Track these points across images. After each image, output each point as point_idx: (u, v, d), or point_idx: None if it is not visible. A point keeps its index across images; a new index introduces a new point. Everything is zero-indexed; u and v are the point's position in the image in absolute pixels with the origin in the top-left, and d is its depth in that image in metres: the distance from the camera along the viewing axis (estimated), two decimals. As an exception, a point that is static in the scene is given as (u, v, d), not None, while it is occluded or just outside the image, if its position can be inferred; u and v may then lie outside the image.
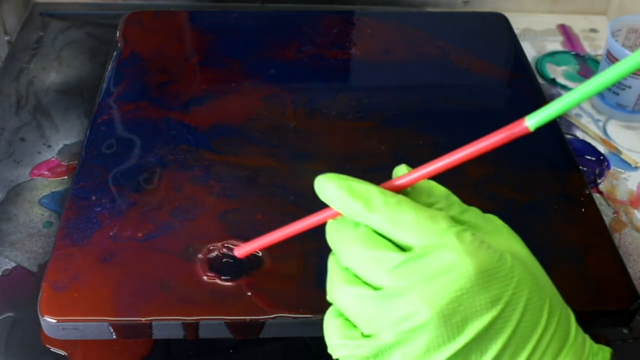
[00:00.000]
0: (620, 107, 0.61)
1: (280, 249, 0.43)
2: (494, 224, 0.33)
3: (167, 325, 0.39)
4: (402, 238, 0.30)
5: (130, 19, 0.63)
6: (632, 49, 0.61)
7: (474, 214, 0.33)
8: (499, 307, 0.28)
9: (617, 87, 0.60)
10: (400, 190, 0.33)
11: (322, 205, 0.33)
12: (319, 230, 0.44)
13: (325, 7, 0.74)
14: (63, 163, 0.55)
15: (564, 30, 0.73)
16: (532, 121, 0.28)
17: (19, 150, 0.56)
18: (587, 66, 0.68)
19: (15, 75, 0.64)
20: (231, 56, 0.59)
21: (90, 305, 0.39)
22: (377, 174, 0.37)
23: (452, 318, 0.28)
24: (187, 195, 0.46)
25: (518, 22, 0.70)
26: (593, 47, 0.71)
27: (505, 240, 0.32)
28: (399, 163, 0.35)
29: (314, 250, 0.43)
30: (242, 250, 0.40)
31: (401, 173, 0.32)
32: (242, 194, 0.46)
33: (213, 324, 0.39)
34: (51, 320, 0.39)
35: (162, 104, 0.53)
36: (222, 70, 0.57)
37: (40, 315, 0.39)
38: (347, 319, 0.31)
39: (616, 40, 0.60)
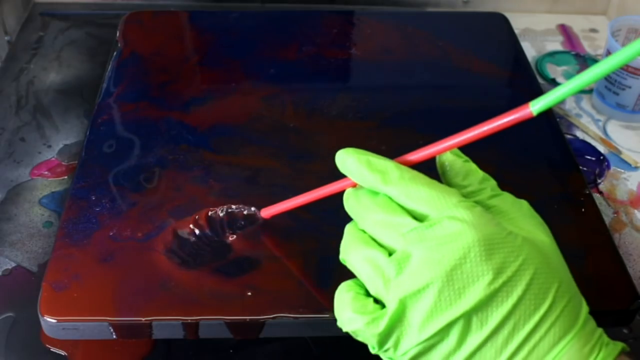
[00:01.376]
0: (620, 107, 0.61)
1: (280, 249, 0.43)
2: (522, 210, 0.34)
3: (167, 325, 0.39)
4: (416, 209, 0.32)
5: (130, 19, 0.63)
6: (632, 49, 0.61)
7: (503, 199, 0.34)
8: (500, 280, 0.29)
9: (617, 87, 0.60)
10: (441, 170, 0.35)
11: (323, 206, 0.33)
12: (319, 230, 0.44)
13: (325, 7, 0.74)
14: (63, 163, 0.55)
15: (564, 30, 0.73)
16: (536, 106, 0.30)
17: (19, 150, 0.56)
18: (587, 66, 0.68)
19: (15, 75, 0.64)
20: (231, 56, 0.59)
21: (90, 305, 0.39)
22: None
23: (454, 284, 0.30)
24: (187, 195, 0.46)
25: (518, 22, 0.70)
26: (593, 47, 0.71)
27: (527, 225, 0.33)
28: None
29: (314, 250, 0.43)
30: (268, 211, 0.42)
31: (447, 157, 0.35)
32: (242, 194, 0.46)
33: (213, 324, 0.39)
34: (51, 320, 0.39)
35: (162, 104, 0.53)
36: (222, 70, 0.57)
37: (40, 315, 0.39)
38: (358, 293, 0.32)
39: (616, 40, 0.60)
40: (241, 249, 0.43)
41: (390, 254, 0.32)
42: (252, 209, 0.43)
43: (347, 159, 0.33)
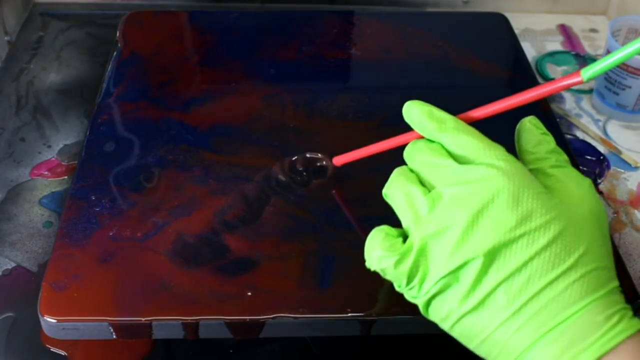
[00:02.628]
0: (620, 107, 0.61)
1: (280, 249, 0.43)
2: (580, 185, 0.34)
3: (167, 325, 0.39)
4: (462, 155, 0.33)
5: (130, 19, 0.63)
6: (632, 49, 0.61)
7: (566, 172, 0.35)
8: (523, 229, 0.30)
9: (617, 87, 0.60)
10: (517, 135, 0.37)
11: (323, 206, 0.33)
12: (319, 230, 0.44)
13: (325, 7, 0.74)
14: (63, 163, 0.55)
15: (564, 30, 0.73)
16: (587, 73, 0.33)
17: (19, 150, 0.56)
18: (587, 66, 0.68)
19: (15, 75, 0.64)
20: (231, 56, 0.59)
21: (90, 305, 0.39)
22: (378, 174, 0.37)
23: (478, 225, 0.31)
24: (187, 195, 0.46)
25: (518, 22, 0.70)
26: (593, 47, 0.71)
27: (578, 197, 0.33)
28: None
29: (314, 250, 0.43)
30: (340, 159, 0.44)
31: (525, 125, 0.36)
32: (242, 194, 0.46)
33: (213, 324, 0.39)
34: (51, 320, 0.39)
35: (162, 104, 0.53)
36: (222, 70, 0.57)
37: (40, 315, 0.39)
38: (388, 234, 0.34)
39: (616, 40, 0.60)
40: (241, 248, 0.43)
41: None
42: (324, 161, 0.48)
43: (412, 109, 0.36)
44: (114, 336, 0.40)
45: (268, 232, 0.44)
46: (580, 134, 0.60)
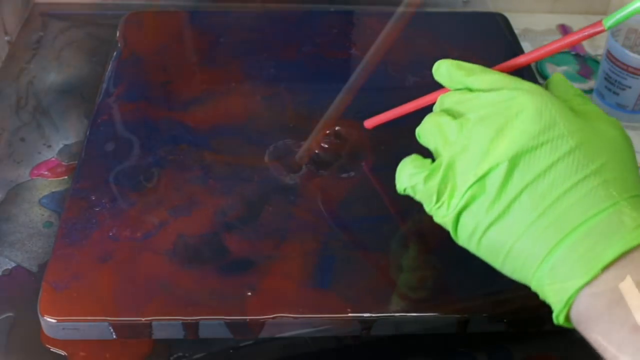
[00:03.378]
0: (620, 107, 0.61)
1: (280, 249, 0.43)
2: (608, 120, 0.35)
3: (167, 325, 0.39)
4: (490, 89, 0.35)
5: (130, 19, 0.63)
6: (632, 49, 0.61)
7: (594, 109, 0.35)
8: (546, 136, 0.32)
9: (617, 87, 0.60)
10: (546, 84, 0.39)
11: (323, 206, 0.33)
12: (319, 230, 0.44)
13: (325, 7, 0.74)
14: (63, 163, 0.55)
15: (564, 30, 0.73)
16: (609, 22, 0.34)
17: (19, 150, 0.56)
18: (587, 66, 0.68)
19: (15, 75, 0.64)
20: (231, 56, 0.59)
21: (90, 305, 0.39)
22: (378, 174, 0.37)
23: (503, 137, 0.32)
24: (187, 195, 0.46)
25: (518, 22, 0.70)
26: (593, 47, 0.71)
27: (605, 123, 0.34)
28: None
29: (314, 250, 0.43)
30: (371, 122, 0.46)
31: (554, 78, 0.38)
32: (242, 194, 0.46)
33: (213, 324, 0.39)
34: (51, 320, 0.39)
35: (162, 104, 0.53)
36: (222, 70, 0.57)
37: (40, 315, 0.39)
38: (417, 157, 0.37)
39: (616, 40, 0.60)
40: (241, 248, 0.43)
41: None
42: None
43: (442, 65, 0.38)
44: (114, 336, 0.40)
45: (268, 232, 0.44)
46: (580, 134, 0.60)
